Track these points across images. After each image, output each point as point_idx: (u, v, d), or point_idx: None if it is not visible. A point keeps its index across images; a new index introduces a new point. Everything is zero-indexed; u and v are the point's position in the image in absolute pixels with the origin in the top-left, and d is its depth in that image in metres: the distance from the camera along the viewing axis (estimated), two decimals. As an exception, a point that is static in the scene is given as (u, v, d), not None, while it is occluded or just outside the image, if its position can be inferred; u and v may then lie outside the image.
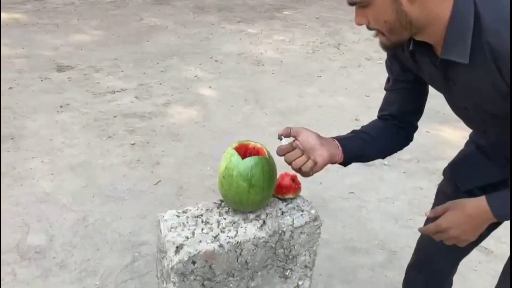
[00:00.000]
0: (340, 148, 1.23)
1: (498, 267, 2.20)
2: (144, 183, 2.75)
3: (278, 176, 1.35)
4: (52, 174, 2.81)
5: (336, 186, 2.81)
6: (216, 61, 4.81)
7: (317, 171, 1.20)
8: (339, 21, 6.53)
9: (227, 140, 2.72)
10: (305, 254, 1.37)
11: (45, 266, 2.13)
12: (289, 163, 1.19)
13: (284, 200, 1.38)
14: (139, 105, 3.74)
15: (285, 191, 1.37)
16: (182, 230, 1.25)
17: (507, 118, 1.06)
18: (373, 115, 1.43)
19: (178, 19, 6.28)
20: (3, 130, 3.26)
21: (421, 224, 1.56)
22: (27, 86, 4.01)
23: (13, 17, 6.01)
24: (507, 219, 1.09)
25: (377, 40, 1.11)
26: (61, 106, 3.67)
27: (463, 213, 1.08)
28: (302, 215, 1.33)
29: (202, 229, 1.26)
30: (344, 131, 1.38)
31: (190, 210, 1.33)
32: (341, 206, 2.64)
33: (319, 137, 1.22)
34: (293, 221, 1.31)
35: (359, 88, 4.28)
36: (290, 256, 1.35)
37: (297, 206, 1.36)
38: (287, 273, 1.37)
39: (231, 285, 1.29)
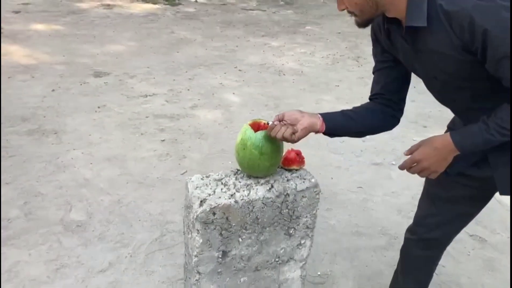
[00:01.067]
0: (321, 119, 1.48)
1: (490, 254, 2.43)
2: (172, 173, 3.06)
3: (285, 151, 1.64)
4: (91, 163, 3.15)
5: (346, 181, 3.06)
6: (240, 70, 5.15)
7: (301, 136, 1.43)
8: (359, 36, 6.81)
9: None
10: (306, 216, 1.64)
11: (85, 237, 2.44)
12: (274, 136, 1.42)
13: (289, 170, 1.66)
14: (169, 108, 4.09)
15: (290, 163, 1.65)
16: (205, 189, 1.54)
17: (473, 82, 1.27)
18: None
19: (206, 33, 6.68)
20: (48, 125, 3.64)
21: None
22: (68, 89, 4.41)
23: (54, 28, 6.51)
24: (467, 151, 1.30)
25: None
26: (98, 107, 4.04)
27: (431, 146, 1.33)
28: (304, 182, 1.61)
29: (221, 189, 1.55)
30: (358, 138, 1.63)
31: (212, 175, 1.62)
32: (349, 198, 2.89)
33: (301, 111, 1.48)
34: (296, 186, 1.58)
35: (374, 97, 4.53)
36: (294, 217, 1.62)
37: (300, 175, 1.64)
38: (291, 232, 1.65)
39: (244, 237, 1.57)
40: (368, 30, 1.48)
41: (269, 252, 1.65)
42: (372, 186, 3.02)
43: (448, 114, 1.52)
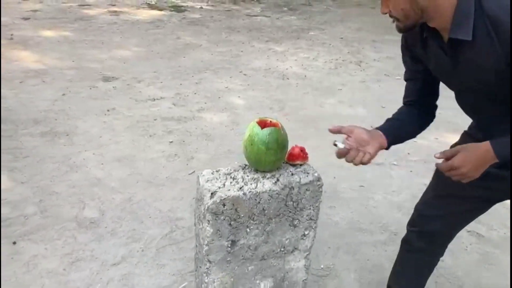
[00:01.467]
0: (384, 136, 1.55)
1: (487, 249, 2.53)
2: (181, 173, 3.18)
3: (290, 147, 1.75)
4: (102, 164, 3.27)
5: (348, 180, 3.17)
6: (245, 75, 5.27)
7: (373, 158, 1.51)
8: (362, 41, 6.93)
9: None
10: (309, 208, 1.75)
11: (98, 232, 2.56)
12: (350, 162, 1.49)
13: (294, 165, 1.77)
14: (176, 111, 4.21)
15: (294, 158, 1.75)
16: (216, 182, 1.65)
17: (504, 99, 1.30)
18: None
19: (211, 38, 6.82)
20: (59, 128, 3.77)
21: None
22: (77, 93, 4.54)
23: (63, 35, 6.66)
24: (505, 159, 1.32)
25: (397, 58, 1.46)
26: (107, 110, 4.16)
27: (472, 154, 1.34)
28: (307, 176, 1.71)
29: (231, 182, 1.66)
30: None
31: (222, 170, 1.73)
32: (351, 196, 2.99)
33: (367, 131, 1.51)
34: (300, 180, 1.69)
35: (376, 100, 4.65)
36: (298, 209, 1.73)
37: (304, 170, 1.75)
38: (296, 223, 1.75)
39: (251, 227, 1.68)
40: (370, 36, 1.58)
41: (275, 242, 1.75)
42: (373, 185, 3.13)
43: (443, 119, 1.63)
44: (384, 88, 5.00)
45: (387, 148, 1.58)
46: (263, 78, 5.17)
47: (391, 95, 4.75)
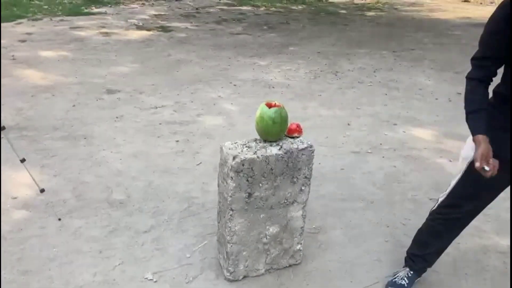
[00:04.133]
0: (487, 138, 1.76)
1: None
2: (189, 164, 3.74)
3: (289, 124, 2.34)
4: (121, 159, 3.80)
5: (331, 165, 3.78)
6: (234, 85, 5.88)
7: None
8: (337, 54, 7.65)
9: (247, 138, 3.75)
10: (305, 169, 2.34)
11: (128, 210, 3.09)
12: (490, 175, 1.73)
13: (292, 137, 2.36)
14: (178, 116, 4.77)
15: (293, 132, 2.35)
16: (235, 149, 2.23)
17: None
18: (363, 122, 2.43)
19: (200, 55, 7.43)
20: (77, 132, 4.29)
21: (392, 188, 2.49)
22: (86, 104, 5.07)
23: (61, 54, 7.18)
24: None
25: (368, 68, 2.01)
26: (117, 117, 4.70)
27: None
28: (303, 144, 2.31)
29: (247, 149, 2.23)
30: (338, 133, 2.33)
31: (238, 142, 2.31)
32: (334, 176, 3.60)
33: (488, 145, 1.74)
34: (298, 147, 2.28)
35: (351, 103, 5.30)
36: (296, 169, 2.31)
37: (300, 140, 2.34)
38: (295, 180, 2.34)
39: (263, 182, 2.25)
40: (344, 50, 2.18)
41: (280, 195, 2.33)
42: (352, 168, 3.74)
43: (409, 116, 2.24)
44: (358, 93, 5.67)
45: None
46: (251, 87, 5.79)
47: (363, 98, 5.43)
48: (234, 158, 2.17)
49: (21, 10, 10.99)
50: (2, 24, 9.35)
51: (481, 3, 15.53)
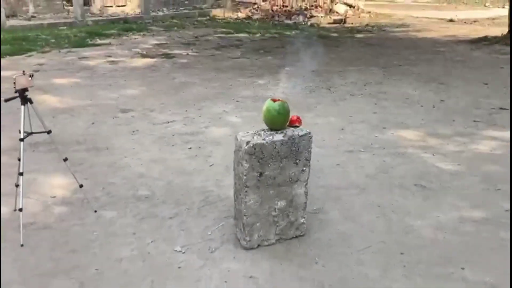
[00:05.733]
0: None
1: (428, 194, 3.60)
2: (203, 166, 4.22)
3: (290, 116, 2.85)
4: (141, 164, 4.29)
5: (328, 162, 4.27)
6: (237, 101, 6.42)
7: None
8: (330, 72, 8.24)
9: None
10: (305, 152, 2.83)
11: (153, 203, 3.56)
12: None
13: (293, 127, 2.86)
14: (188, 128, 5.29)
15: (294, 122, 2.86)
16: (247, 137, 2.73)
17: None
18: (355, 128, 2.97)
19: (203, 77, 8.00)
20: (99, 145, 4.78)
21: (382, 177, 3.00)
22: (104, 122, 5.58)
23: (73, 81, 7.74)
24: None
25: (358, 82, 2.53)
26: (133, 131, 5.21)
27: None
28: (302, 131, 2.81)
29: (257, 137, 2.73)
30: (333, 137, 2.90)
31: (250, 132, 2.81)
32: (331, 170, 4.09)
33: None
34: (298, 134, 2.79)
35: (344, 112, 5.83)
36: (298, 152, 2.81)
37: (300, 129, 2.84)
38: (297, 161, 2.83)
39: (271, 163, 2.74)
40: (337, 68, 2.71)
41: (285, 174, 2.82)
42: (346, 164, 4.23)
43: (397, 121, 2.75)
44: (350, 104, 6.22)
45: None
46: (252, 103, 6.32)
47: (355, 108, 5.96)
48: (247, 143, 2.67)
49: (30, 44, 11.61)
50: (14, 57, 9.96)
51: (465, 22, 16.31)
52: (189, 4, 22.23)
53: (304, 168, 2.88)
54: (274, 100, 2.77)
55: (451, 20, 16.78)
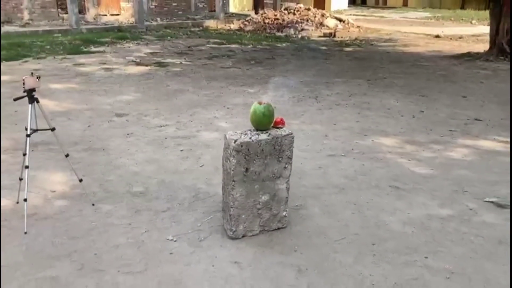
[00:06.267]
0: None
1: (401, 193, 3.92)
2: (194, 166, 4.51)
3: (275, 118, 3.15)
4: (136, 164, 4.56)
5: (311, 165, 4.57)
6: (228, 108, 6.73)
7: None
8: (317, 83, 8.58)
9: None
10: (287, 151, 3.13)
11: (147, 198, 3.83)
12: None
13: (277, 128, 3.16)
14: (180, 132, 5.57)
15: (278, 124, 3.16)
16: (235, 136, 3.02)
17: None
18: (338, 134, 3.42)
19: (195, 85, 8.31)
20: (95, 146, 5.05)
21: (360, 179, 3.32)
22: (100, 125, 5.85)
23: (69, 86, 8.01)
24: None
25: (344, 93, 2.87)
26: (128, 134, 5.48)
27: None
28: (285, 132, 3.11)
29: (244, 136, 3.03)
30: (317, 142, 3.26)
31: (238, 131, 3.11)
32: (312, 172, 4.39)
33: None
34: (281, 134, 3.09)
35: (329, 120, 6.16)
36: (281, 150, 3.11)
37: (283, 130, 3.14)
38: (280, 159, 3.13)
39: (256, 160, 3.04)
40: (324, 79, 3.02)
41: (269, 170, 3.12)
42: (328, 166, 4.54)
43: (378, 128, 3.07)
44: (335, 112, 6.55)
45: None
46: (242, 109, 6.63)
47: (340, 116, 6.30)
48: (235, 141, 2.97)
49: (26, 50, 11.87)
50: (10, 62, 10.20)
51: (451, 38, 16.84)
52: (183, 15, 22.66)
53: (286, 165, 3.18)
54: (260, 103, 3.08)
55: (437, 36, 17.29)
